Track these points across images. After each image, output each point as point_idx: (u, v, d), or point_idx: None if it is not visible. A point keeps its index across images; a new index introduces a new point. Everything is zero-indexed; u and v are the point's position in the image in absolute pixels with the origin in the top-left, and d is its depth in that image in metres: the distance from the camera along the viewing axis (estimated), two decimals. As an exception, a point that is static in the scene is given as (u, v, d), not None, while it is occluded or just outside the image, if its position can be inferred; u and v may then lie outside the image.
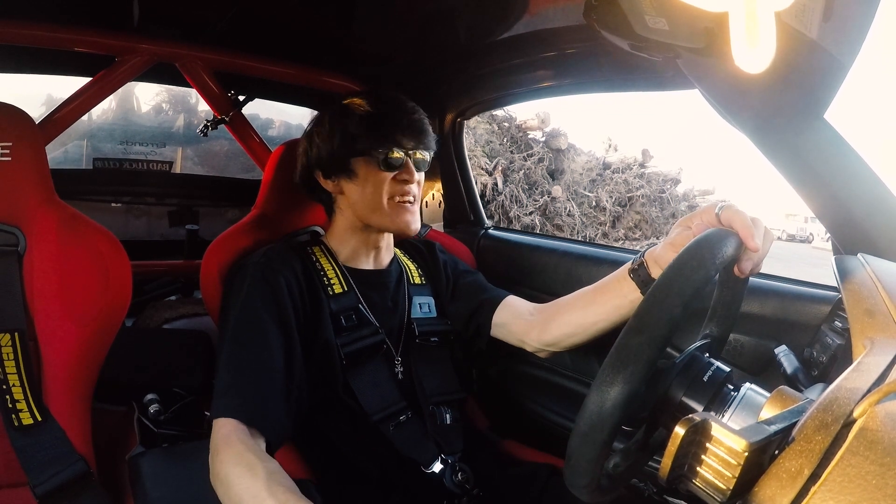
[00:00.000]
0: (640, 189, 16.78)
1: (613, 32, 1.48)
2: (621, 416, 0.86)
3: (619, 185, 16.62)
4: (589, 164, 16.42)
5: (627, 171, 16.95)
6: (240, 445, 1.42)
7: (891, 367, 0.79)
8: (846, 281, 1.17)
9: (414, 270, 2.14)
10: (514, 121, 15.16)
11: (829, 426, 0.69)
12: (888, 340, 0.87)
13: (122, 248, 1.76)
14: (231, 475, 1.35)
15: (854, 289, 1.11)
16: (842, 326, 1.42)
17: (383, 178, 1.83)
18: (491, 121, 14.87)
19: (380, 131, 1.81)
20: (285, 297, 1.73)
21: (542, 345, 1.93)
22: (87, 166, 4.04)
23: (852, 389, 0.74)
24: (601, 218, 16.25)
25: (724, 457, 0.76)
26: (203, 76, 2.73)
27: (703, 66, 1.46)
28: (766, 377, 1.73)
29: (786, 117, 1.39)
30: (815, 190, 1.43)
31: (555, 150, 15.66)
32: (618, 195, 16.54)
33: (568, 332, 1.85)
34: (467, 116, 3.00)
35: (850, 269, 1.21)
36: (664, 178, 17.61)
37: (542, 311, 1.97)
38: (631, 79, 2.14)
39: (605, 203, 16.18)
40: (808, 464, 0.66)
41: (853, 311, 1.04)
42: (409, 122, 1.84)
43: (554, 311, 1.92)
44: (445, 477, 1.80)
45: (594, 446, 0.87)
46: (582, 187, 16.00)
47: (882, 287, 1.05)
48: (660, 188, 17.34)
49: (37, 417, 1.58)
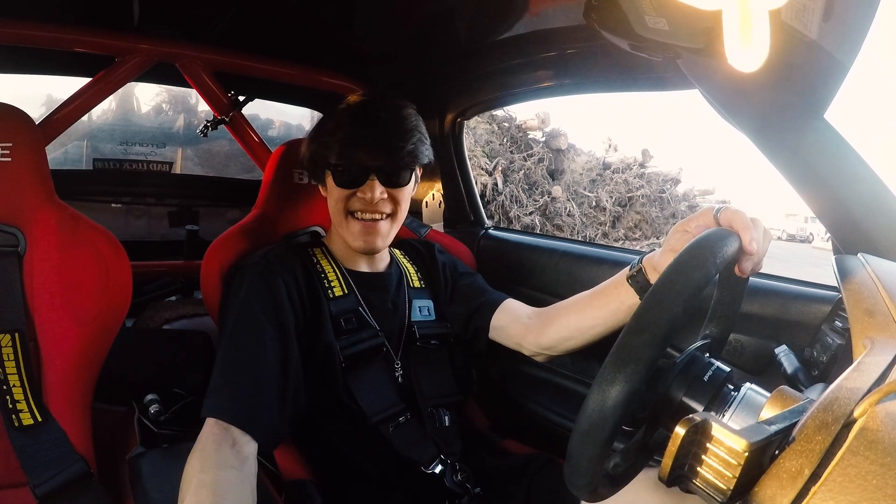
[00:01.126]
0: (640, 189, 16.80)
1: (613, 32, 1.48)
2: (622, 415, 0.86)
3: (619, 185, 16.65)
4: (589, 164, 16.44)
5: (627, 171, 16.98)
6: (211, 447, 1.44)
7: (891, 367, 0.79)
8: (846, 281, 1.16)
9: (413, 273, 2.14)
10: (514, 121, 15.18)
11: (830, 426, 0.69)
12: (888, 340, 0.87)
13: (122, 248, 1.76)
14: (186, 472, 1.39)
15: (854, 288, 1.10)
16: (842, 326, 1.42)
17: (340, 193, 1.84)
18: (491, 121, 14.89)
19: (340, 147, 1.81)
20: (284, 299, 1.73)
21: (538, 348, 1.94)
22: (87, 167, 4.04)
23: (853, 389, 0.74)
24: (601, 218, 16.27)
25: (724, 457, 0.76)
26: (203, 76, 2.73)
27: (703, 67, 1.46)
28: (766, 377, 1.73)
29: (786, 117, 1.39)
30: (815, 190, 1.43)
31: (555, 150, 15.68)
32: (618, 195, 16.57)
33: (564, 335, 1.86)
34: (467, 116, 3.00)
35: (850, 268, 1.21)
36: (664, 178, 17.63)
37: (540, 314, 1.98)
38: (631, 79, 2.14)
39: (606, 203, 16.20)
40: (808, 464, 0.66)
41: (853, 310, 1.04)
42: (375, 138, 1.81)
43: (551, 316, 1.93)
44: (446, 477, 1.80)
45: (595, 445, 0.87)
46: (582, 187, 16.02)
47: (882, 287, 1.05)
48: (660, 188, 17.36)
49: (37, 418, 1.58)
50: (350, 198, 1.83)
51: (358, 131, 1.80)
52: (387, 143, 1.80)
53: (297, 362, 1.72)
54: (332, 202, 1.86)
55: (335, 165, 1.82)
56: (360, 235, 1.84)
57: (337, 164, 1.81)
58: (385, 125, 1.82)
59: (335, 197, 1.84)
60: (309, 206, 2.18)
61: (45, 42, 2.34)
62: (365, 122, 1.82)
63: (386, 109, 1.85)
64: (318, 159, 1.86)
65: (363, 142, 1.79)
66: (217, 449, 1.44)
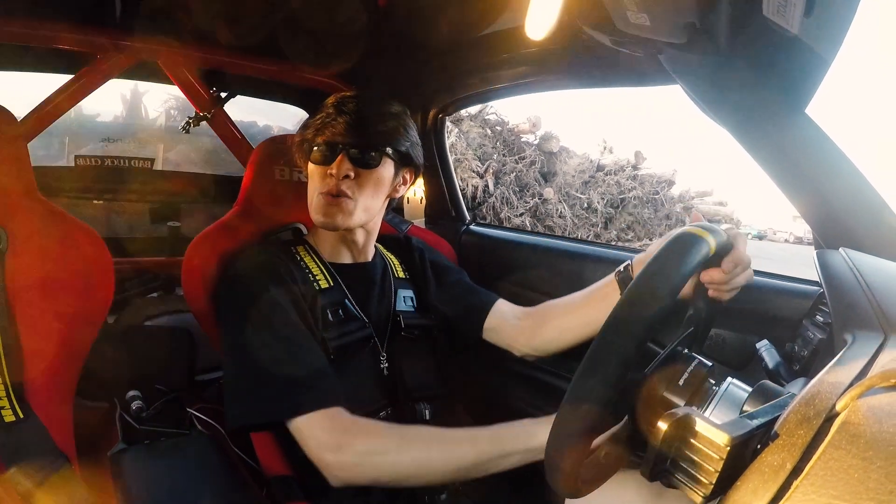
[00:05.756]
0: (633, 191, 16.93)
1: (595, 28, 1.48)
2: (600, 410, 0.86)
3: (612, 186, 16.76)
4: (581, 166, 16.59)
5: (620, 172, 17.07)
6: (376, 425, 1.62)
7: (872, 361, 0.79)
8: (828, 275, 1.17)
9: (397, 264, 2.15)
10: (507, 125, 15.32)
11: (811, 420, 0.69)
12: (870, 334, 0.87)
13: (104, 244, 1.76)
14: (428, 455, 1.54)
15: (836, 283, 1.11)
16: (823, 321, 1.43)
17: (313, 170, 1.85)
18: (484, 125, 15.13)
19: (318, 127, 1.83)
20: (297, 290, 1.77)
21: (530, 349, 1.98)
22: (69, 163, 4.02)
23: (834, 383, 0.74)
24: (593, 219, 16.37)
25: (706, 451, 0.76)
26: (185, 73, 2.73)
27: (684, 62, 1.47)
28: (747, 372, 1.74)
29: (767, 112, 1.40)
30: (796, 185, 1.43)
31: (547, 152, 15.85)
32: (609, 197, 16.69)
33: (556, 336, 1.90)
34: (449, 112, 3.00)
35: (831, 263, 1.21)
36: (658, 179, 17.75)
37: (531, 315, 2.01)
38: (613, 74, 2.14)
39: (597, 205, 16.24)
40: (790, 458, 0.66)
41: (835, 305, 1.04)
42: (349, 115, 1.82)
43: (543, 316, 1.96)
44: None
45: (575, 441, 0.88)
46: (574, 189, 16.12)
47: (864, 281, 1.05)
48: (653, 190, 17.45)
49: (19, 414, 1.57)
50: (323, 178, 1.82)
51: (336, 114, 1.81)
52: (360, 123, 1.81)
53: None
54: (309, 185, 1.87)
55: (310, 143, 1.83)
56: (320, 208, 1.83)
57: (312, 142, 1.83)
58: (362, 109, 1.83)
59: (311, 176, 1.86)
60: (291, 202, 2.17)
61: (26, 39, 2.33)
62: (344, 106, 1.83)
63: (368, 99, 1.87)
64: (301, 142, 1.87)
65: (338, 123, 1.80)
66: (353, 429, 1.58)
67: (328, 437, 1.55)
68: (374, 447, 1.53)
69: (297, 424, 1.58)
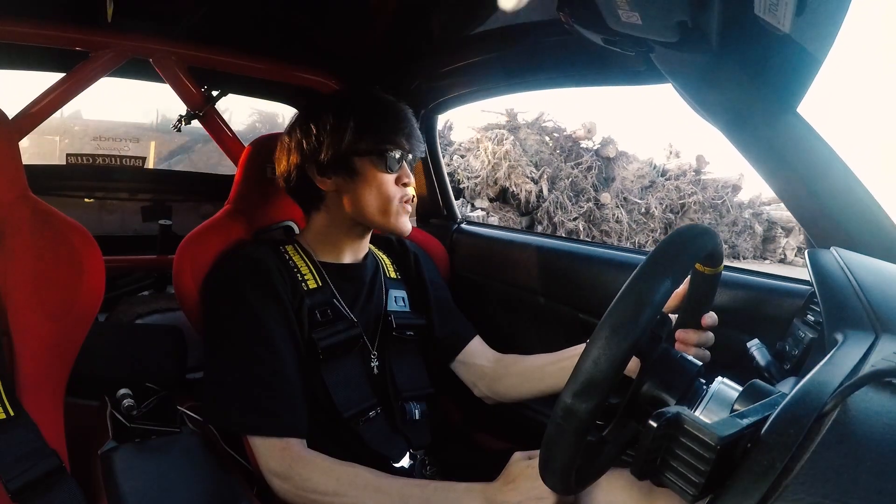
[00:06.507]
0: (693, 196, 16.98)
1: (587, 27, 1.48)
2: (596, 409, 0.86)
3: (671, 191, 16.86)
4: (641, 170, 16.70)
5: (681, 177, 17.16)
6: (323, 462, 1.63)
7: (863, 361, 0.79)
8: (819, 274, 1.17)
9: (389, 264, 2.15)
10: (564, 131, 15.62)
11: (802, 420, 0.69)
12: (861, 334, 0.88)
13: (96, 243, 1.75)
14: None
15: (827, 282, 1.11)
16: (814, 320, 1.43)
17: (388, 179, 1.83)
18: (541, 132, 15.43)
19: (382, 132, 1.81)
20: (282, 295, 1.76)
21: (490, 393, 2.09)
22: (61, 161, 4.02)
23: (825, 383, 0.74)
24: (651, 225, 16.52)
25: (696, 450, 0.76)
26: (176, 72, 2.72)
27: (676, 60, 1.47)
28: (738, 371, 1.74)
29: (759, 111, 1.40)
30: (788, 184, 1.44)
31: (605, 158, 15.94)
32: (669, 202, 16.81)
33: (516, 386, 2.04)
34: (441, 111, 2.99)
35: (823, 262, 1.21)
36: (722, 184, 17.79)
37: (499, 361, 2.11)
38: (605, 73, 2.13)
39: (655, 210, 16.39)
40: (780, 457, 0.66)
41: (826, 304, 1.04)
42: (407, 124, 1.85)
43: (507, 367, 2.07)
44: (415, 471, 1.83)
45: (568, 438, 0.87)
46: (632, 194, 16.19)
47: (855, 280, 1.05)
48: (717, 195, 17.50)
49: (9, 412, 1.56)
50: (395, 184, 1.84)
51: (393, 116, 1.85)
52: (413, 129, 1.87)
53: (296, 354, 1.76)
54: (374, 191, 1.82)
55: (383, 152, 1.81)
56: (401, 215, 1.87)
57: (384, 150, 1.82)
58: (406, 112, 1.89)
59: (380, 183, 1.83)
60: (281, 201, 2.17)
61: (17, 37, 2.32)
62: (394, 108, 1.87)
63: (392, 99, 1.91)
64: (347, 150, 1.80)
65: (399, 128, 1.83)
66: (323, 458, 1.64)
67: (277, 464, 1.60)
68: (315, 485, 1.57)
69: (254, 442, 1.65)
